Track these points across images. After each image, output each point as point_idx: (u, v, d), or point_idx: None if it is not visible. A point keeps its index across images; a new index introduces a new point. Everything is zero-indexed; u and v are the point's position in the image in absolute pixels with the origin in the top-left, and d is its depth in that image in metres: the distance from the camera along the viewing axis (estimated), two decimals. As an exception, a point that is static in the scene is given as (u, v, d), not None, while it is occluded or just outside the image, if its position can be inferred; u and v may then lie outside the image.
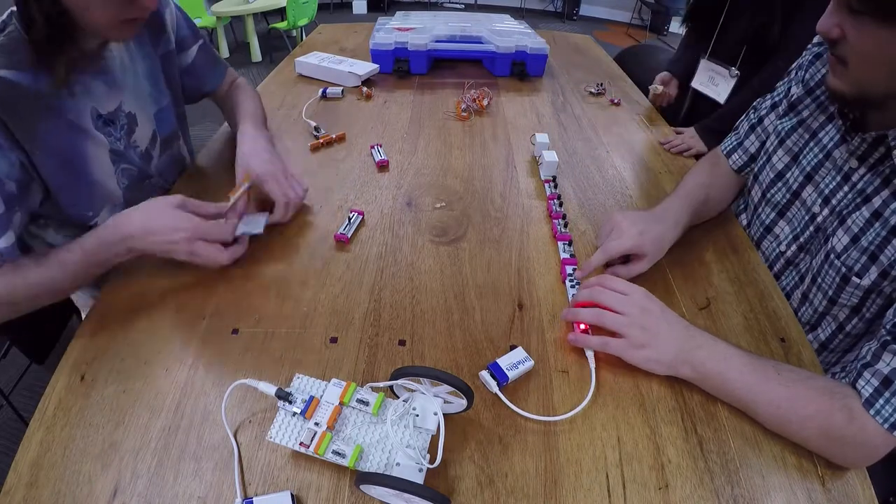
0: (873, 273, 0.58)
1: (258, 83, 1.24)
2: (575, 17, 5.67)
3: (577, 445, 0.49)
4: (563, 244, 0.73)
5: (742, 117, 0.84)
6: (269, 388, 0.47)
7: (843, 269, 0.60)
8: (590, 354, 0.57)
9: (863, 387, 0.50)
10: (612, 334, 0.57)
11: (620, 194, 0.86)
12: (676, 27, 5.12)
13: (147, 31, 0.76)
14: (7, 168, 0.57)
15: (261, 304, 0.62)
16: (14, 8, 0.58)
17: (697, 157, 1.01)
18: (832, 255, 0.62)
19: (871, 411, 0.48)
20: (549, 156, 0.88)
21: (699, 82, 1.20)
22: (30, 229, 0.71)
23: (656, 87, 1.26)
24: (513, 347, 0.58)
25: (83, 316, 0.60)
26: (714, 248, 0.75)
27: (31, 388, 1.31)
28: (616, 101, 1.21)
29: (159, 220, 0.61)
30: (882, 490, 0.50)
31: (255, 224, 0.69)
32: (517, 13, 5.50)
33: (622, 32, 5.34)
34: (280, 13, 4.23)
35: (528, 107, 1.16)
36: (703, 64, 1.18)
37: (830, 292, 0.63)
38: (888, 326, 0.51)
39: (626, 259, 0.67)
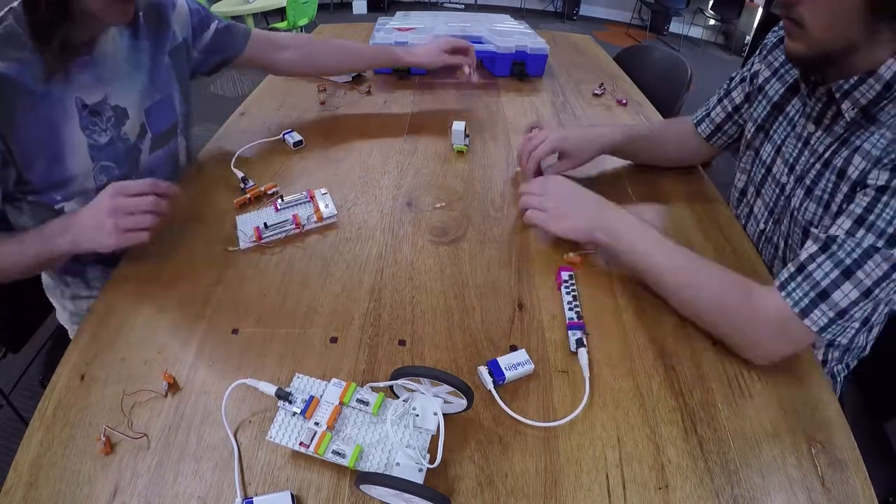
0: (827, 221, 0.59)
1: (258, 83, 1.24)
2: (575, 17, 5.66)
3: (576, 446, 0.49)
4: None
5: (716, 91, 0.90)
6: (269, 388, 0.47)
7: (804, 223, 0.63)
8: (584, 364, 0.56)
9: (781, 273, 0.53)
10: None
11: (620, 194, 0.86)
12: (676, 27, 5.13)
13: (146, 25, 0.77)
14: None
15: (261, 304, 0.62)
16: (14, 4, 0.60)
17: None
18: (795, 213, 0.65)
19: (783, 293, 0.51)
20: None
21: None
22: (4, 210, 0.72)
23: None
24: (513, 348, 0.58)
25: (71, 334, 0.60)
26: (714, 248, 0.75)
27: (31, 388, 1.31)
28: (623, 101, 1.21)
29: (86, 227, 0.62)
30: (882, 490, 0.50)
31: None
32: (517, 13, 5.50)
33: (622, 32, 5.34)
34: (280, 13, 4.22)
35: (528, 107, 1.16)
36: None
37: (798, 250, 0.63)
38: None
39: None
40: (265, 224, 0.71)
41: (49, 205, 0.70)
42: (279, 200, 0.76)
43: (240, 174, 0.84)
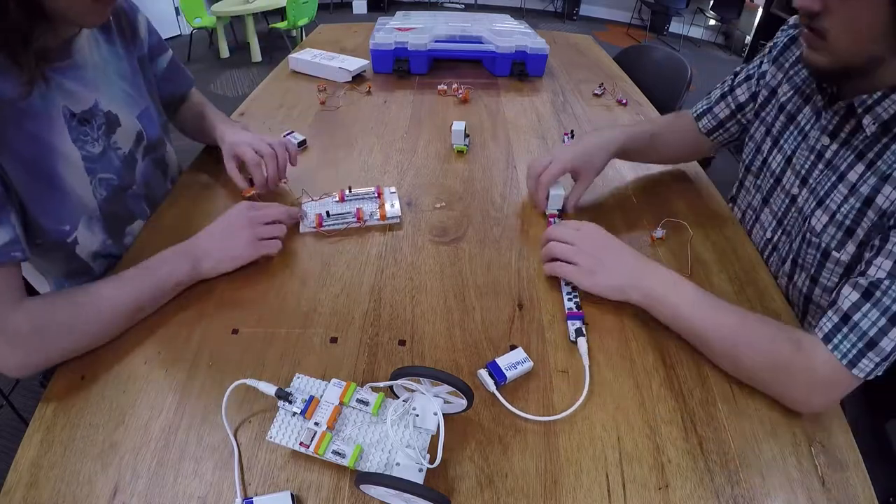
0: (850, 247, 0.58)
1: (258, 83, 1.24)
2: (575, 17, 5.67)
3: (577, 445, 0.49)
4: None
5: (718, 84, 0.86)
6: (269, 388, 0.47)
7: (823, 245, 0.61)
8: (583, 353, 0.56)
9: (824, 323, 0.51)
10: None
11: (620, 194, 0.86)
12: (676, 27, 5.13)
13: (118, 33, 0.74)
14: None
15: (261, 304, 0.62)
16: None
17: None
18: (810, 234, 0.63)
19: (830, 346, 0.49)
20: (555, 188, 0.77)
21: None
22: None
23: None
24: (513, 348, 0.58)
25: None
26: (714, 248, 0.75)
27: (31, 388, 1.31)
28: (623, 101, 1.21)
29: (213, 247, 0.65)
30: (882, 490, 0.50)
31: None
32: (517, 13, 5.50)
33: (622, 32, 5.34)
34: (280, 13, 4.23)
35: (528, 107, 1.16)
36: None
37: (812, 270, 0.63)
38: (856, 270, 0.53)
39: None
40: (327, 213, 0.72)
41: (61, 241, 0.65)
42: (347, 191, 0.77)
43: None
